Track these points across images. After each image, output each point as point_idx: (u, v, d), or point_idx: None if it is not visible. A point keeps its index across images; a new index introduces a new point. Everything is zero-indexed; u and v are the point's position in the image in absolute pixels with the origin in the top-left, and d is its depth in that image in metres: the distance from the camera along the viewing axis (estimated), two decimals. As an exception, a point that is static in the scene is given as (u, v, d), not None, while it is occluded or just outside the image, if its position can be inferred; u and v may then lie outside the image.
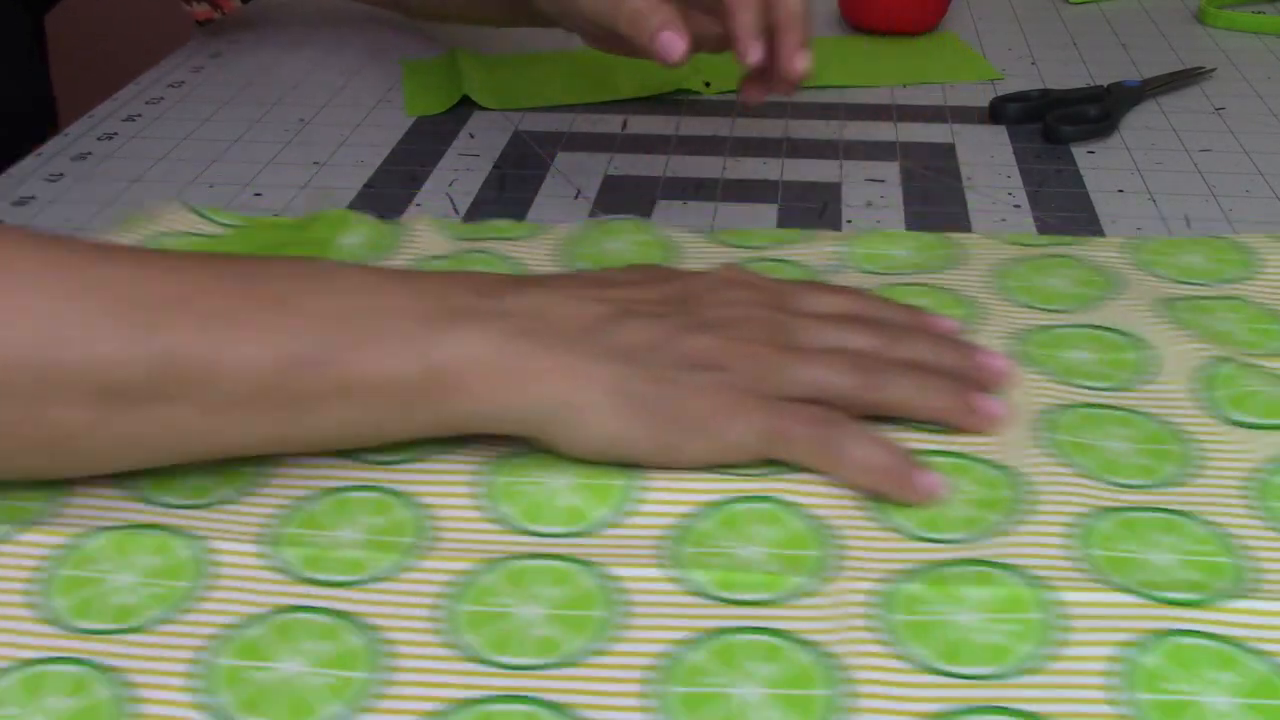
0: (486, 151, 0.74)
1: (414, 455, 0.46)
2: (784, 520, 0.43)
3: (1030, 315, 0.54)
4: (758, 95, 0.64)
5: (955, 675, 0.37)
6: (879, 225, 0.65)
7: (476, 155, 0.74)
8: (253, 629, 0.39)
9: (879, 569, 0.41)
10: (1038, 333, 0.53)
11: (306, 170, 0.72)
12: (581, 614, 0.40)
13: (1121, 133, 0.76)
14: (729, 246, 0.61)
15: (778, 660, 0.38)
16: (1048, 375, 0.50)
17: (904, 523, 0.43)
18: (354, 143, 0.76)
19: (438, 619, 0.40)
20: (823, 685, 0.37)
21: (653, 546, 0.42)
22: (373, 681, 0.37)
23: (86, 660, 0.38)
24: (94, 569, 0.42)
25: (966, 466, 0.45)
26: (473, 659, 0.38)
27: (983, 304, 0.55)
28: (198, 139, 0.76)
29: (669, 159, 0.73)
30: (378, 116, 0.79)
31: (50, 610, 0.40)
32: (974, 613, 0.39)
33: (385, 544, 0.42)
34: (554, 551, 0.42)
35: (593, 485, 0.44)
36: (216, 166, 0.73)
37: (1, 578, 0.41)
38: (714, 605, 0.40)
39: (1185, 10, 0.99)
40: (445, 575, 0.41)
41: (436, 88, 0.83)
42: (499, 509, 0.44)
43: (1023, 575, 0.40)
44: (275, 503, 0.44)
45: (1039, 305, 0.55)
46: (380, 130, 0.77)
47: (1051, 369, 0.51)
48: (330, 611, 0.40)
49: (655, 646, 0.38)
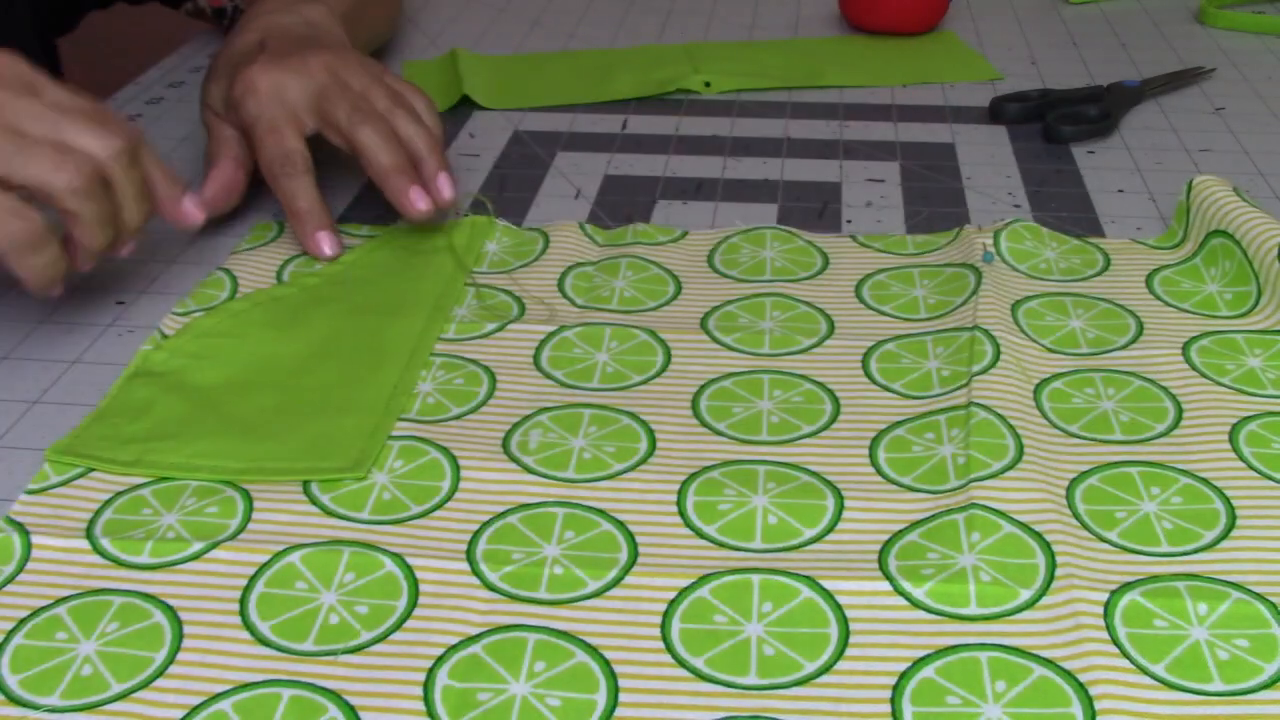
0: (486, 151, 0.74)
1: (607, 472, 0.46)
2: (993, 526, 0.43)
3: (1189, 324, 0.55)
4: (425, 206, 0.61)
5: (1193, 691, 0.37)
6: (879, 225, 0.65)
7: (476, 155, 0.74)
8: (470, 648, 0.39)
9: (1097, 580, 0.41)
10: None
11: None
12: (807, 631, 0.39)
13: (1121, 133, 0.76)
14: (877, 252, 0.61)
15: (1015, 677, 0.37)
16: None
17: (1108, 533, 0.43)
18: (354, 143, 0.75)
19: (653, 636, 0.39)
20: (1060, 703, 0.36)
21: (865, 560, 0.42)
22: (597, 704, 0.37)
23: (304, 682, 0.38)
24: (294, 588, 0.41)
25: (1163, 477, 0.46)
26: (701, 678, 0.38)
27: (1139, 313, 0.56)
28: (198, 139, 0.76)
29: (669, 159, 0.73)
30: (378, 116, 0.79)
31: (258, 630, 0.40)
32: (1203, 628, 0.39)
33: (591, 560, 0.42)
34: (765, 566, 0.42)
35: (793, 505, 0.45)
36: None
37: (204, 596, 0.41)
38: (939, 621, 0.39)
39: (1185, 10, 0.99)
40: (657, 592, 0.41)
41: (436, 88, 0.83)
42: (697, 523, 0.44)
43: (1246, 591, 0.40)
44: (468, 519, 0.44)
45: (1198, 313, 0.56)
46: (380, 130, 0.77)
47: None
48: (549, 630, 0.39)
49: (889, 665, 0.38)
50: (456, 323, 0.55)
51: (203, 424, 0.48)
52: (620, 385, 0.51)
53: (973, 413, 0.48)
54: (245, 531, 0.43)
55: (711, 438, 0.48)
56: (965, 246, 0.60)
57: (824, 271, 0.59)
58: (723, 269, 0.60)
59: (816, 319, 0.56)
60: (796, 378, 0.52)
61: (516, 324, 0.55)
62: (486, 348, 0.54)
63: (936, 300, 0.56)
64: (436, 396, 0.50)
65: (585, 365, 0.52)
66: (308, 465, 0.46)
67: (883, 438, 0.48)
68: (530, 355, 0.53)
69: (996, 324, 0.53)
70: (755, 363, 0.53)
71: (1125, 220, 0.65)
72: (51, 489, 0.45)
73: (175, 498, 0.45)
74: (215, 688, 0.37)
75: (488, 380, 0.51)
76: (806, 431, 0.48)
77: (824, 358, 0.53)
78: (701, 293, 0.58)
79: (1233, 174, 0.70)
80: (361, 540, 0.43)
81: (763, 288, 0.58)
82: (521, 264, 0.60)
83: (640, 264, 0.60)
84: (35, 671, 0.38)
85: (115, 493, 0.45)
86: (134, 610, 0.40)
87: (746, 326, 0.55)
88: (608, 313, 0.56)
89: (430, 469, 0.46)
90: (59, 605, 0.40)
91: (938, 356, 0.52)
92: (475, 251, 0.61)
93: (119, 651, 0.39)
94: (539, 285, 0.58)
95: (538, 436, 0.48)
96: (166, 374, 0.51)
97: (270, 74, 0.61)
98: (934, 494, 0.45)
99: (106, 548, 0.43)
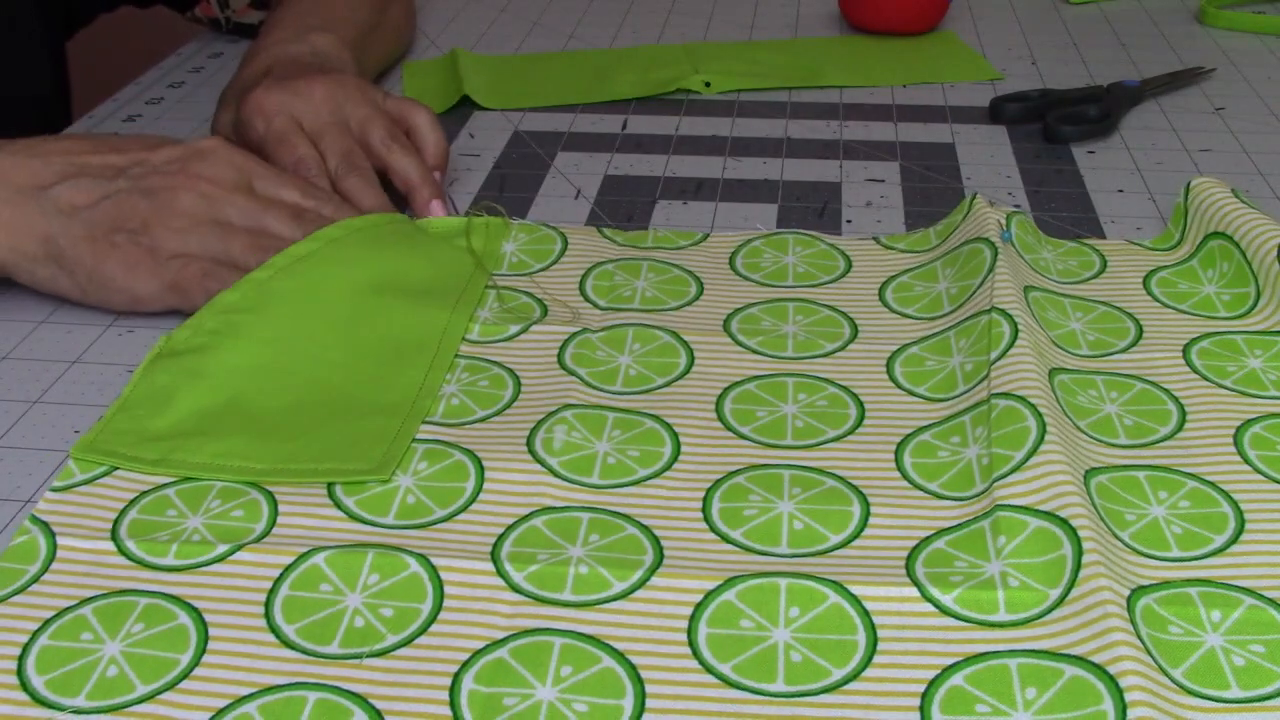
0: (486, 151, 0.74)
1: (632, 478, 0.46)
2: (1019, 526, 0.42)
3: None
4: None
5: (1211, 699, 0.37)
6: (879, 225, 0.65)
7: (476, 155, 0.74)
8: (496, 652, 0.39)
9: (1118, 573, 0.41)
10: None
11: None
12: (835, 638, 0.39)
13: (1121, 133, 0.76)
14: (900, 253, 0.61)
15: (1046, 682, 0.37)
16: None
17: (1121, 533, 0.43)
18: (354, 143, 0.75)
19: (679, 641, 0.39)
20: (1093, 701, 0.36)
21: (893, 566, 0.42)
22: (624, 709, 0.37)
23: (330, 685, 0.38)
24: (318, 591, 0.41)
25: (1171, 481, 0.46)
26: (728, 684, 0.38)
27: (1138, 316, 0.56)
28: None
29: (669, 159, 0.73)
30: (378, 116, 0.79)
31: (283, 633, 0.39)
32: (1218, 635, 0.39)
33: (616, 561, 0.42)
34: (789, 570, 0.41)
35: (819, 510, 0.44)
36: (216, 166, 0.72)
37: (229, 598, 0.41)
38: (967, 628, 0.39)
39: (1185, 10, 0.99)
40: (683, 594, 0.41)
41: (436, 88, 0.83)
42: (723, 528, 0.44)
43: (1259, 596, 0.40)
44: (493, 522, 0.44)
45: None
46: (380, 130, 0.77)
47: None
48: (575, 634, 0.39)
49: (917, 673, 0.38)
50: (480, 324, 0.55)
51: (227, 421, 0.48)
52: (644, 388, 0.51)
53: (994, 405, 0.47)
54: (270, 535, 0.43)
55: (736, 441, 0.48)
56: (979, 220, 0.59)
57: (846, 275, 0.59)
58: (745, 272, 0.60)
59: (840, 323, 0.55)
60: (821, 381, 0.52)
61: (540, 325, 0.55)
62: (510, 350, 0.54)
63: (958, 289, 0.56)
64: (461, 398, 0.50)
65: (608, 368, 0.52)
66: (332, 466, 0.46)
67: (908, 442, 0.48)
68: (554, 356, 0.53)
69: (1013, 304, 0.53)
70: (779, 366, 0.53)
71: (1125, 220, 0.65)
72: (76, 486, 0.45)
73: (200, 500, 0.45)
74: (240, 690, 0.37)
75: (513, 383, 0.51)
76: (831, 436, 0.48)
77: (848, 362, 0.53)
78: (723, 294, 0.58)
79: (1233, 174, 0.70)
80: (386, 543, 0.43)
81: (785, 292, 0.58)
82: (541, 266, 0.60)
83: (661, 266, 0.60)
84: (61, 672, 0.38)
85: (140, 492, 0.45)
86: (159, 612, 0.40)
87: (770, 330, 0.55)
88: (630, 312, 0.56)
89: (455, 471, 0.46)
90: (84, 606, 0.40)
91: (960, 350, 0.52)
92: (494, 254, 0.61)
93: (144, 653, 0.39)
94: (560, 287, 0.58)
95: (562, 434, 0.48)
96: (188, 353, 0.51)
97: (275, 95, 0.64)
98: (961, 500, 0.45)
99: (132, 549, 0.43)
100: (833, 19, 0.97)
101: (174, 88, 0.85)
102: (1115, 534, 0.43)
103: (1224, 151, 0.73)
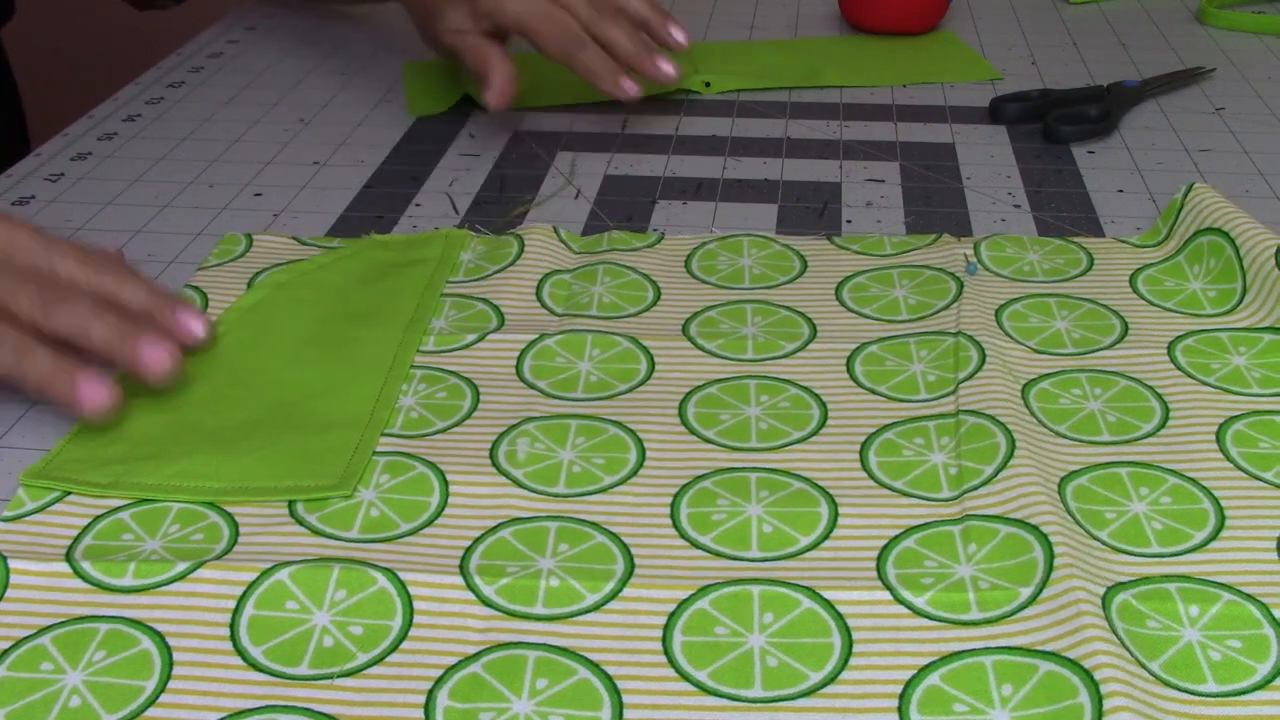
0: (486, 151, 0.74)
1: (597, 486, 0.46)
2: (989, 534, 0.43)
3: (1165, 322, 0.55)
4: (634, 92, 0.73)
5: (1188, 691, 0.37)
6: (879, 225, 0.65)
7: (476, 155, 0.74)
8: (470, 668, 0.38)
9: (1092, 573, 0.41)
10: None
11: (306, 170, 0.72)
12: (810, 641, 0.39)
13: (1121, 133, 0.76)
14: (854, 254, 0.61)
15: (1022, 678, 0.37)
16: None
17: (1099, 533, 0.43)
18: (354, 143, 0.76)
19: (656, 649, 0.39)
20: (1068, 695, 0.36)
21: (864, 568, 0.42)
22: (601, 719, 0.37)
23: (301, 708, 0.37)
24: (284, 609, 0.40)
25: (1152, 477, 0.46)
26: (706, 691, 0.38)
27: (1123, 313, 0.56)
28: (198, 139, 0.76)
29: (669, 159, 0.73)
30: (378, 116, 0.79)
31: (250, 655, 0.39)
32: (1195, 630, 0.39)
33: (587, 572, 0.42)
34: (764, 576, 0.42)
35: (787, 513, 0.44)
36: (216, 166, 0.73)
37: (193, 620, 0.40)
38: (941, 628, 0.39)
39: (1185, 10, 0.99)
40: (657, 604, 0.41)
41: (437, 88, 0.83)
42: (692, 534, 0.44)
43: (1237, 592, 0.40)
44: (460, 534, 0.44)
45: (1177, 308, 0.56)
46: (380, 130, 0.77)
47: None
48: (549, 647, 0.39)
49: (894, 674, 0.38)
50: (435, 335, 0.55)
51: (181, 443, 0.48)
52: (605, 394, 0.51)
53: (961, 421, 0.48)
54: (231, 553, 0.42)
55: (701, 446, 0.48)
56: (944, 252, 0.60)
57: (802, 275, 0.59)
58: (701, 275, 0.59)
59: (798, 323, 0.55)
60: (782, 382, 0.51)
61: (496, 334, 0.54)
62: (467, 360, 0.53)
63: (917, 301, 0.56)
64: (419, 410, 0.50)
65: (568, 375, 0.52)
66: (291, 484, 0.46)
67: (872, 441, 0.48)
68: (512, 366, 0.53)
69: (980, 330, 0.53)
70: (740, 369, 0.52)
71: (1125, 220, 0.65)
72: (27, 515, 0.44)
73: (158, 523, 0.44)
74: (209, 716, 0.37)
75: (471, 393, 0.51)
76: (796, 437, 0.48)
77: (808, 362, 0.53)
78: (681, 298, 0.58)
79: (1233, 174, 0.70)
80: (351, 557, 0.42)
81: (742, 294, 0.58)
82: (497, 268, 0.59)
83: (617, 270, 0.59)
84: (22, 704, 0.37)
85: (94, 517, 0.44)
86: (121, 637, 0.39)
87: (728, 332, 0.55)
88: (588, 319, 0.56)
89: (418, 484, 0.46)
90: (43, 635, 0.39)
91: (922, 360, 0.52)
92: (451, 262, 0.60)
93: (108, 681, 0.38)
94: (516, 291, 0.58)
95: (525, 446, 0.48)
96: (140, 389, 0.50)
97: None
98: (928, 501, 0.45)
99: (88, 570, 0.41)
100: (833, 19, 0.97)
101: (174, 88, 0.85)
102: (1093, 535, 0.43)
103: (1224, 151, 0.73)
